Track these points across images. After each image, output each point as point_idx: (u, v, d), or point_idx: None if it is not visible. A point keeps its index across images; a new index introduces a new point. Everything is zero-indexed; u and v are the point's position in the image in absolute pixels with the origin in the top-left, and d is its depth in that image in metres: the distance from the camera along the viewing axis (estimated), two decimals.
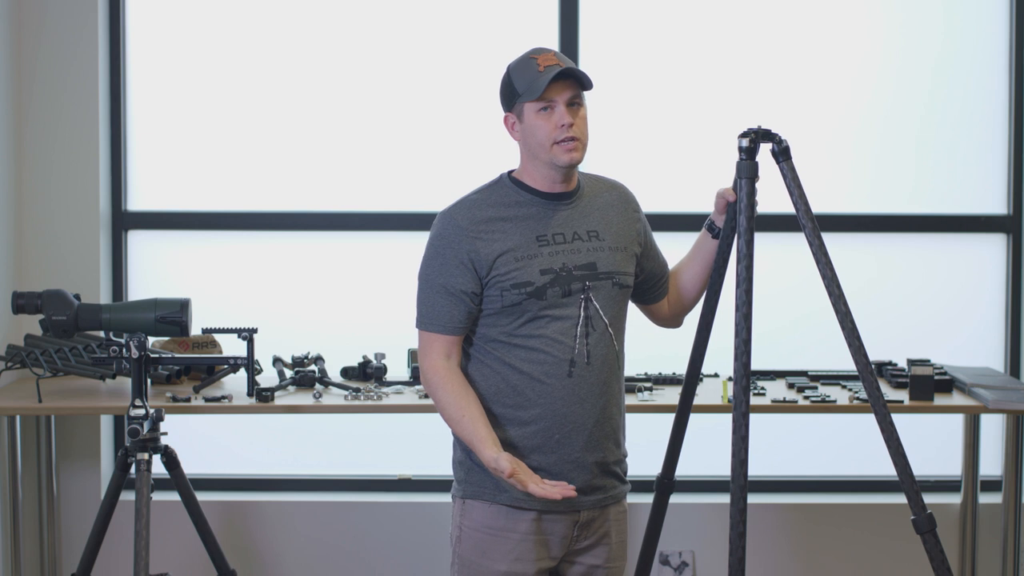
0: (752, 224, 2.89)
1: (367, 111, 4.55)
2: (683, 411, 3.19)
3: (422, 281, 2.94)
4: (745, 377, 2.87)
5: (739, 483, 2.85)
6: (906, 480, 2.94)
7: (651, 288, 3.11)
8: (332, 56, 4.55)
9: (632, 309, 3.11)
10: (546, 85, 2.81)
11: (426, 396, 3.97)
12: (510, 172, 2.98)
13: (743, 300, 2.89)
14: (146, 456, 3.50)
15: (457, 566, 2.97)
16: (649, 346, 4.00)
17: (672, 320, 3.19)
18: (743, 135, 2.92)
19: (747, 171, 2.90)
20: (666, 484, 3.24)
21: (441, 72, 4.55)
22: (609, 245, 2.96)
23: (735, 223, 2.93)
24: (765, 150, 2.96)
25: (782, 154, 2.94)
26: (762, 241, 2.92)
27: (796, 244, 3.20)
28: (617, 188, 3.06)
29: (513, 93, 2.88)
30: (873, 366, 4.32)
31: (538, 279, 2.87)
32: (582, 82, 2.86)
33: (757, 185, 2.94)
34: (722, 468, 4.62)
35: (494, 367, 2.91)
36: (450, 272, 2.88)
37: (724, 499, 4.54)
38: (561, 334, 2.88)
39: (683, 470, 4.50)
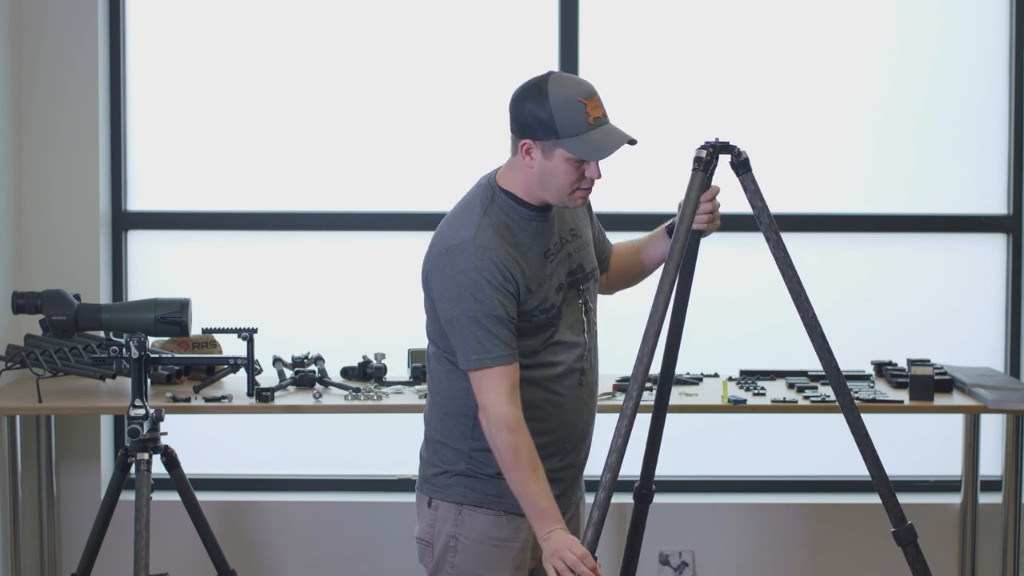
0: (683, 244, 2.82)
1: (367, 111, 4.55)
2: (658, 419, 3.11)
3: (468, 319, 2.71)
4: (640, 386, 2.76)
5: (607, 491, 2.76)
6: (884, 492, 2.92)
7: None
8: (332, 56, 4.55)
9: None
10: (608, 156, 2.70)
11: (424, 396, 3.96)
12: (495, 179, 2.83)
13: (658, 312, 2.80)
14: (146, 456, 3.50)
15: None
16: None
17: (605, 290, 3.12)
18: (700, 147, 2.86)
19: (697, 185, 2.85)
20: (644, 494, 3.16)
21: (441, 72, 4.55)
22: (585, 240, 2.93)
23: (690, 224, 2.86)
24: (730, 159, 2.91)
25: (742, 166, 2.87)
26: (761, 239, 2.91)
27: (794, 243, 3.19)
28: None
29: (550, 130, 2.69)
30: (873, 366, 4.34)
31: (555, 298, 2.81)
32: None
33: (719, 198, 2.91)
34: (722, 468, 4.64)
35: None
36: (503, 301, 2.71)
37: (724, 499, 4.54)
38: (574, 346, 2.85)
39: (683, 470, 4.55)
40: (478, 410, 2.78)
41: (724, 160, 2.91)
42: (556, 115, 2.69)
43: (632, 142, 2.75)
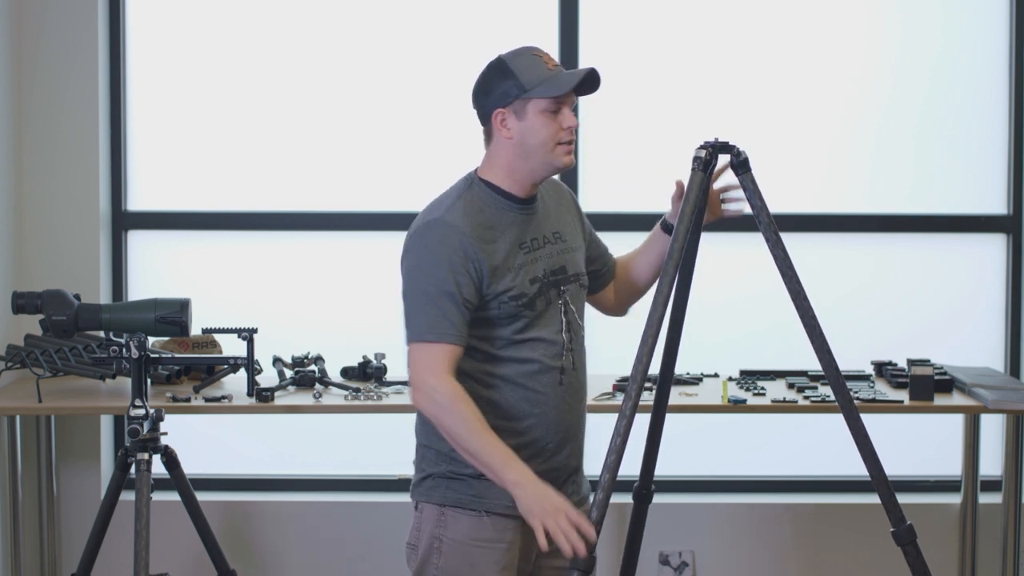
0: (683, 244, 2.84)
1: (366, 111, 4.55)
2: (657, 419, 3.11)
3: (419, 292, 2.74)
4: (639, 385, 2.78)
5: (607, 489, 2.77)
6: (884, 492, 2.92)
7: (596, 278, 3.07)
8: (331, 56, 4.56)
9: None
10: (574, 85, 2.75)
11: None
12: (476, 174, 2.88)
13: (658, 312, 2.81)
14: (146, 456, 3.51)
15: None
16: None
17: (618, 308, 3.15)
18: (700, 147, 2.88)
19: (696, 185, 2.86)
20: (644, 494, 3.15)
21: (441, 72, 4.55)
22: (570, 246, 2.92)
23: (689, 224, 2.87)
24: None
25: (741, 166, 2.88)
26: (761, 239, 2.91)
27: (794, 243, 3.19)
28: (560, 186, 3.02)
29: (517, 88, 2.76)
30: (873, 366, 4.34)
31: (529, 289, 2.81)
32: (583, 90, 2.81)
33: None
34: (722, 468, 4.64)
35: (484, 380, 2.80)
36: (459, 280, 2.72)
37: (724, 499, 4.55)
38: (551, 343, 2.83)
39: (683, 470, 4.55)
40: (410, 390, 2.76)
41: (724, 160, 2.92)
42: (518, 71, 2.78)
43: (593, 71, 2.79)
